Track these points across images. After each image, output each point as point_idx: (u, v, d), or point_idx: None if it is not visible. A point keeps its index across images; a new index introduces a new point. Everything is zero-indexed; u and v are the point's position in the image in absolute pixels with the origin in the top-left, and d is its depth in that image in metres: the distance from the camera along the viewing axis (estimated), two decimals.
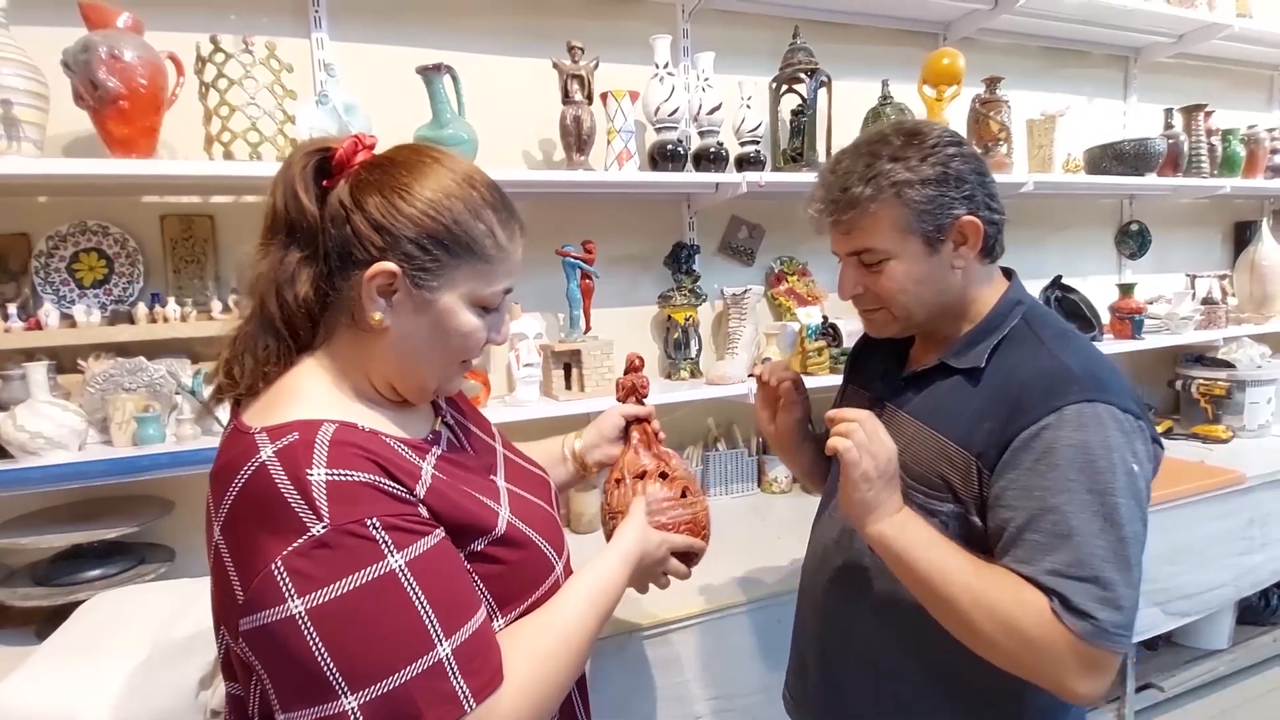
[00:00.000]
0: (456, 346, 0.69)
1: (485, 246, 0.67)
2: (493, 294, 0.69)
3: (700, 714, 1.29)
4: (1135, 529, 0.74)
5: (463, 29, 1.68)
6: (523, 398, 1.58)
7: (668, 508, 0.90)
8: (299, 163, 0.66)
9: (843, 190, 0.84)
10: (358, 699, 0.55)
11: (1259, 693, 2.19)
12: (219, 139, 1.31)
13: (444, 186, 0.65)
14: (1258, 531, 1.92)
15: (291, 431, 0.59)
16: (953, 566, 0.76)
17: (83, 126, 1.29)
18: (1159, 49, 2.45)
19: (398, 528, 0.59)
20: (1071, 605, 0.70)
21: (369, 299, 0.64)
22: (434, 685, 0.57)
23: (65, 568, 1.28)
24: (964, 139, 0.87)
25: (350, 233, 0.64)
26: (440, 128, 1.45)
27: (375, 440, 0.64)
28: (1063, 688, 0.73)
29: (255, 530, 0.57)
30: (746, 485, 1.93)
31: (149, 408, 1.32)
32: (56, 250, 1.41)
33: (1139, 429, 0.77)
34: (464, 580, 0.64)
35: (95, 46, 1.18)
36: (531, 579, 0.71)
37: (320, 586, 0.55)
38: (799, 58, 1.76)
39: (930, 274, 0.85)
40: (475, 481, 0.72)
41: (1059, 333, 0.85)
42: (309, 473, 0.57)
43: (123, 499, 1.42)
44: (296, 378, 0.67)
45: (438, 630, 0.58)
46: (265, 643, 0.56)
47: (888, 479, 0.80)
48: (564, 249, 1.64)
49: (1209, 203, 2.72)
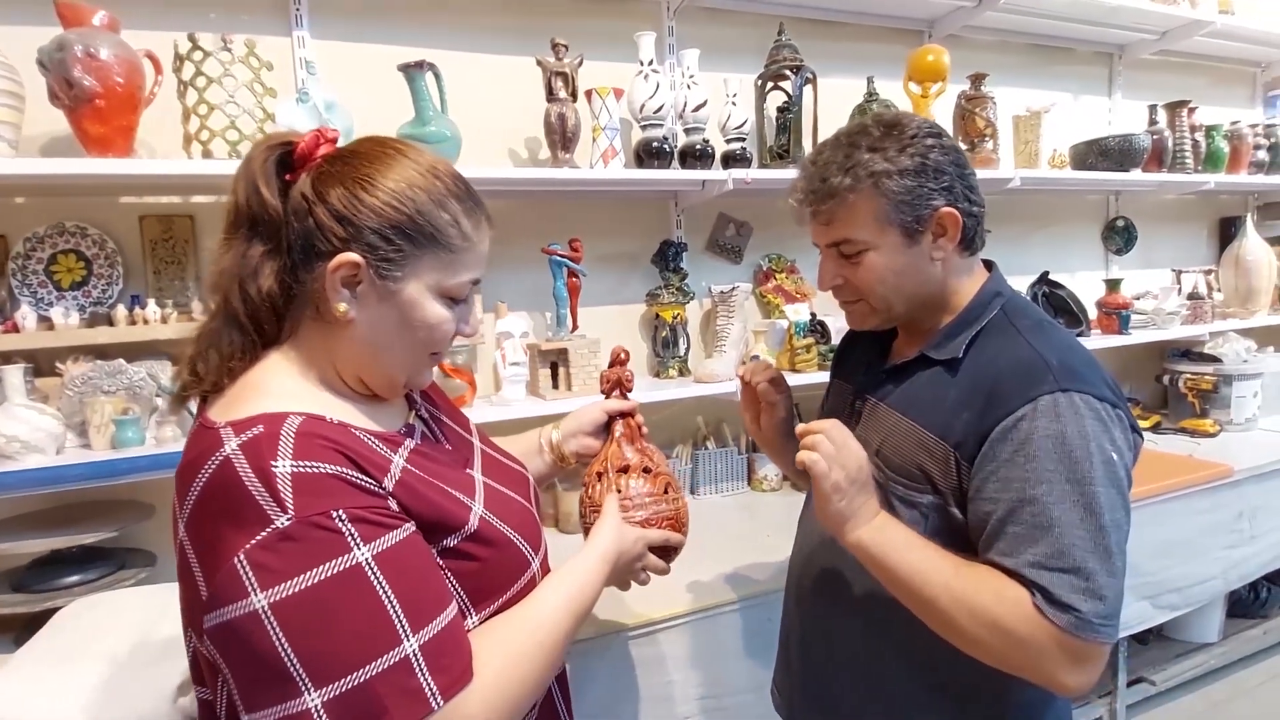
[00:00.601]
0: (423, 338, 0.68)
1: (450, 236, 0.66)
2: (458, 285, 0.68)
3: (688, 714, 1.28)
4: (1116, 517, 0.73)
5: (445, 26, 1.67)
6: (509, 397, 1.56)
7: (650, 503, 0.89)
8: (260, 157, 0.66)
9: (822, 180, 0.84)
10: (321, 696, 0.53)
11: (1250, 685, 2.20)
12: (198, 138, 1.30)
13: (407, 177, 0.65)
14: (1246, 524, 1.93)
15: (257, 424, 0.59)
16: (932, 568, 0.76)
17: (60, 126, 1.27)
18: (1143, 46, 2.47)
19: (365, 520, 0.58)
20: (1054, 598, 0.70)
21: (333, 290, 0.64)
22: (400, 682, 0.55)
23: (43, 574, 1.26)
24: (944, 131, 0.86)
25: (313, 225, 0.64)
26: (423, 125, 1.44)
27: (344, 432, 0.63)
28: (1052, 681, 0.73)
29: (219, 524, 0.56)
30: (736, 483, 1.93)
31: (128, 410, 1.30)
32: (34, 252, 1.39)
33: (1117, 417, 0.77)
34: (434, 575, 0.63)
35: (70, 45, 1.17)
36: (506, 576, 0.70)
37: (284, 580, 0.54)
38: (784, 55, 1.76)
39: (909, 265, 0.85)
40: (449, 476, 0.71)
41: (1036, 323, 0.85)
42: (274, 464, 0.56)
43: (102, 503, 1.40)
44: (262, 372, 0.66)
45: (405, 626, 0.57)
46: (229, 639, 0.55)
47: (860, 485, 0.80)
48: (550, 247, 1.63)
49: (1194, 198, 2.74)
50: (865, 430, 0.92)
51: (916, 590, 0.76)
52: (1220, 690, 2.17)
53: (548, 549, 0.82)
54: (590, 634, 1.22)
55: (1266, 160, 2.48)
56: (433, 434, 0.80)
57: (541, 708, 0.78)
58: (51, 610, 1.17)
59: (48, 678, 0.99)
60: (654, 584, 0.91)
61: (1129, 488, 0.77)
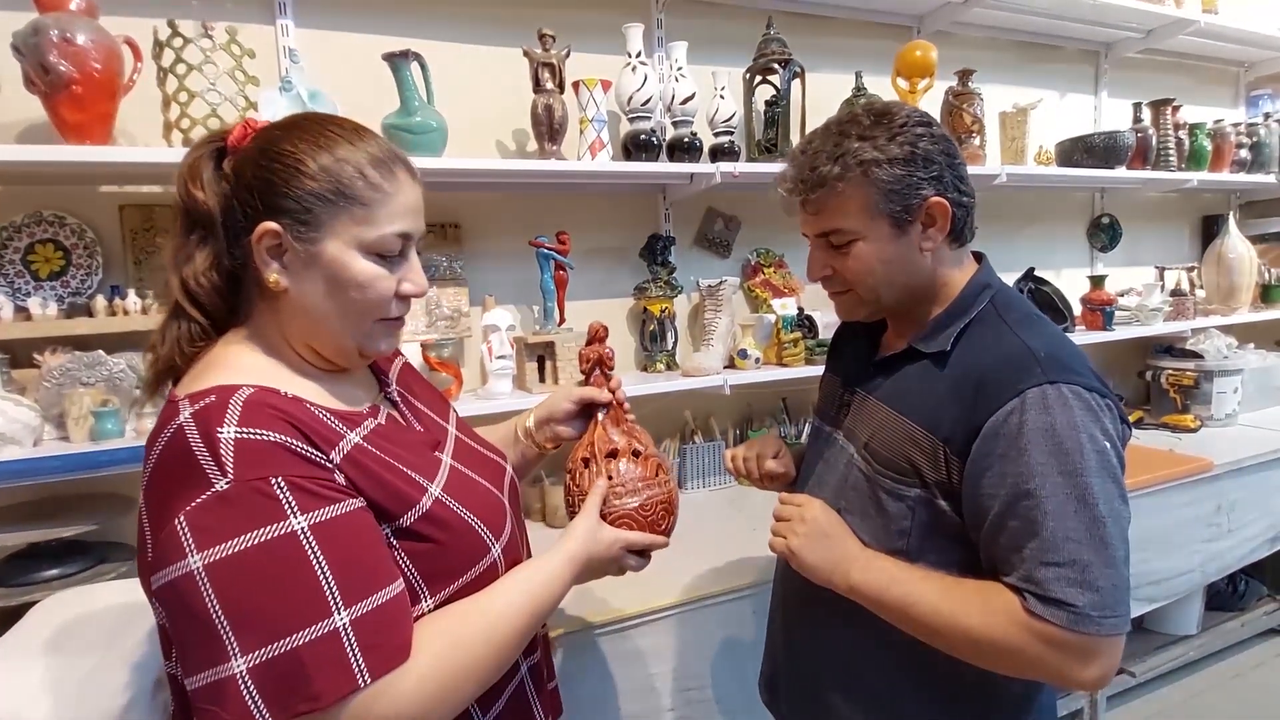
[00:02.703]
0: (357, 298, 0.67)
1: (357, 189, 0.66)
2: (380, 238, 0.67)
3: (672, 705, 1.29)
4: (1111, 507, 0.72)
5: (431, 15, 1.66)
6: (496, 390, 1.56)
7: (643, 488, 0.86)
8: (193, 154, 0.69)
9: (811, 169, 0.83)
10: (247, 661, 0.54)
11: (1228, 677, 2.24)
12: (178, 125, 1.28)
13: (311, 139, 0.66)
14: (1225, 518, 1.96)
15: (210, 395, 0.60)
16: (919, 597, 0.78)
17: (36, 113, 1.25)
18: (1129, 44, 2.49)
19: (305, 490, 0.59)
20: (1047, 596, 0.70)
21: (262, 262, 0.66)
22: (327, 654, 0.56)
23: (20, 568, 1.24)
24: (934, 120, 0.86)
25: (236, 204, 0.66)
26: (408, 116, 1.43)
27: (296, 405, 0.64)
28: (1065, 679, 0.73)
29: (169, 488, 0.58)
30: (723, 478, 1.93)
31: (108, 402, 1.28)
32: (11, 241, 1.37)
33: (1106, 407, 0.77)
34: (376, 552, 0.63)
35: (46, 29, 1.15)
36: (462, 559, 0.70)
37: (219, 541, 0.55)
38: (773, 48, 1.76)
39: (898, 255, 0.84)
40: (408, 457, 0.71)
41: (1024, 316, 0.84)
42: (219, 430, 0.58)
43: (81, 496, 1.38)
44: (223, 352, 0.68)
45: (336, 598, 0.57)
46: (168, 599, 0.57)
47: (837, 536, 0.86)
48: (537, 240, 1.62)
49: (1177, 197, 2.77)
50: (854, 423, 0.93)
51: (913, 622, 0.79)
52: (1199, 681, 2.21)
53: (519, 538, 0.81)
54: (575, 627, 1.22)
55: (1248, 159, 2.51)
56: (402, 416, 0.80)
57: (512, 698, 0.78)
58: (28, 605, 1.15)
59: (22, 673, 0.98)
60: (639, 578, 0.90)
61: (1123, 476, 0.76)
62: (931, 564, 0.82)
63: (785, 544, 0.87)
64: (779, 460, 1.07)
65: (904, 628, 0.80)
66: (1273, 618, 2.41)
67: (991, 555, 0.76)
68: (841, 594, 0.84)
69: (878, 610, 0.82)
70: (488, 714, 0.74)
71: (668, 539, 0.89)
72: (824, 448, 0.98)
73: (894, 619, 0.81)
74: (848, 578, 0.83)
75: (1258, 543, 2.05)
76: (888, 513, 0.84)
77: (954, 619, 0.75)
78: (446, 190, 1.62)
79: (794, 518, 0.88)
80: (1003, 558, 0.75)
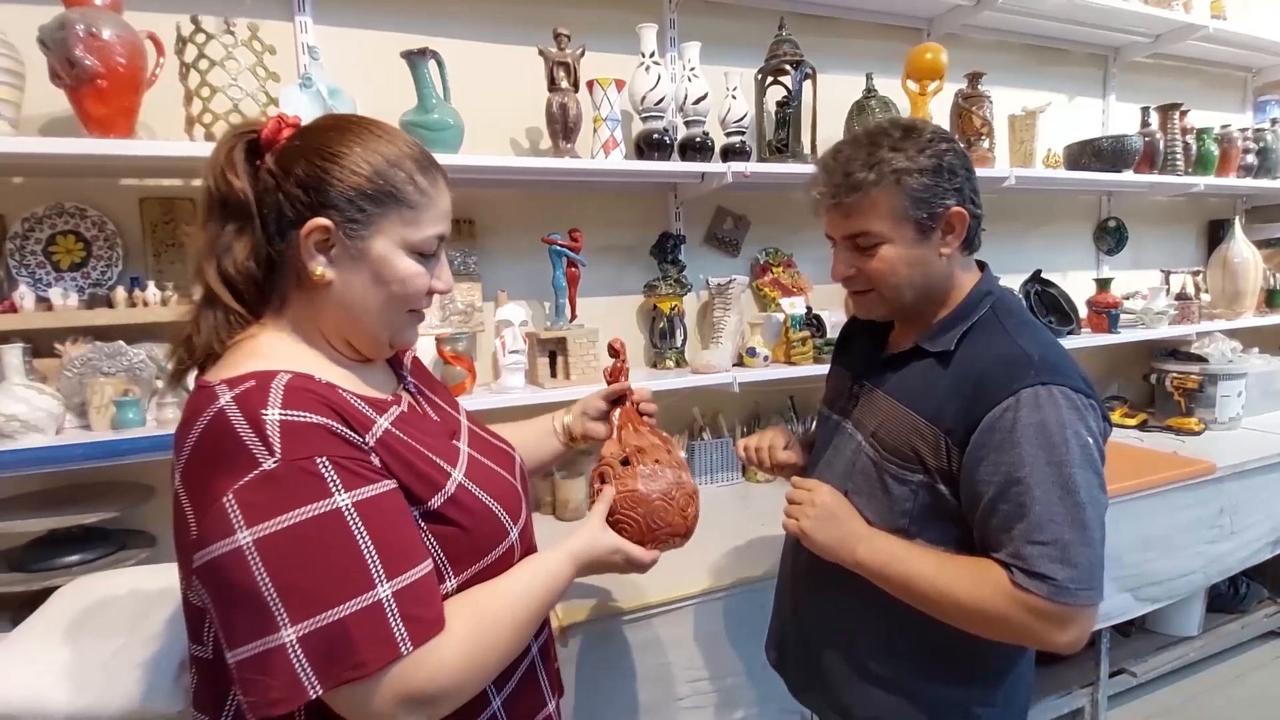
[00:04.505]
0: (398, 293, 0.71)
1: (408, 193, 0.70)
2: (424, 239, 0.72)
3: (683, 694, 1.31)
4: (1091, 495, 0.81)
5: (449, 14, 1.67)
6: (508, 385, 1.57)
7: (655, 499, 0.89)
8: (226, 145, 0.70)
9: (846, 175, 0.89)
10: (297, 630, 0.56)
11: (1228, 678, 2.26)
12: (200, 120, 1.30)
13: (363, 142, 0.69)
14: (1227, 520, 1.97)
15: (249, 380, 0.62)
16: (916, 571, 0.87)
17: (59, 106, 1.27)
18: (1137, 48, 2.50)
19: (347, 469, 0.61)
20: (1032, 570, 0.79)
21: (308, 255, 0.68)
22: (372, 623, 0.58)
23: (42, 553, 1.27)
24: (954, 136, 0.94)
25: (283, 198, 0.68)
26: (425, 113, 1.45)
27: (331, 391, 0.66)
28: (1044, 643, 0.82)
29: (211, 469, 0.59)
30: (731, 474, 1.95)
31: (128, 392, 1.30)
32: (32, 232, 1.38)
33: (1090, 406, 0.85)
34: (410, 531, 0.66)
35: (72, 24, 1.16)
36: (484, 542, 0.73)
37: (268, 518, 0.57)
38: (784, 49, 1.78)
39: (919, 259, 0.91)
40: (431, 444, 0.74)
41: (1021, 322, 0.92)
42: (264, 413, 0.60)
43: (101, 484, 1.41)
44: (256, 340, 0.70)
45: (380, 571, 0.60)
46: (214, 576, 0.58)
47: (844, 517, 0.94)
48: (550, 237, 1.64)
49: (1184, 201, 2.78)
50: (862, 413, 1.00)
51: (912, 593, 0.88)
52: (1199, 682, 2.23)
53: (531, 524, 0.84)
54: (590, 616, 1.24)
55: (1255, 164, 2.52)
56: (420, 406, 0.83)
57: (523, 680, 0.80)
58: (50, 589, 1.17)
59: (46, 656, 1.00)
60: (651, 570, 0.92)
61: (1103, 468, 0.85)
62: (930, 541, 0.90)
63: (797, 525, 0.96)
64: (789, 450, 1.13)
65: (904, 599, 0.89)
66: (1273, 620, 2.42)
67: (984, 534, 0.85)
68: (848, 568, 0.92)
69: (881, 583, 0.90)
70: (502, 691, 0.77)
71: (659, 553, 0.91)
72: (833, 435, 1.05)
73: (895, 591, 0.89)
74: (854, 554, 0.91)
75: (1259, 545, 2.06)
76: (892, 495, 0.92)
77: (949, 590, 0.84)
78: (461, 187, 1.59)
79: (805, 501, 0.96)
80: (994, 537, 0.83)
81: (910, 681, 0.96)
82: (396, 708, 0.60)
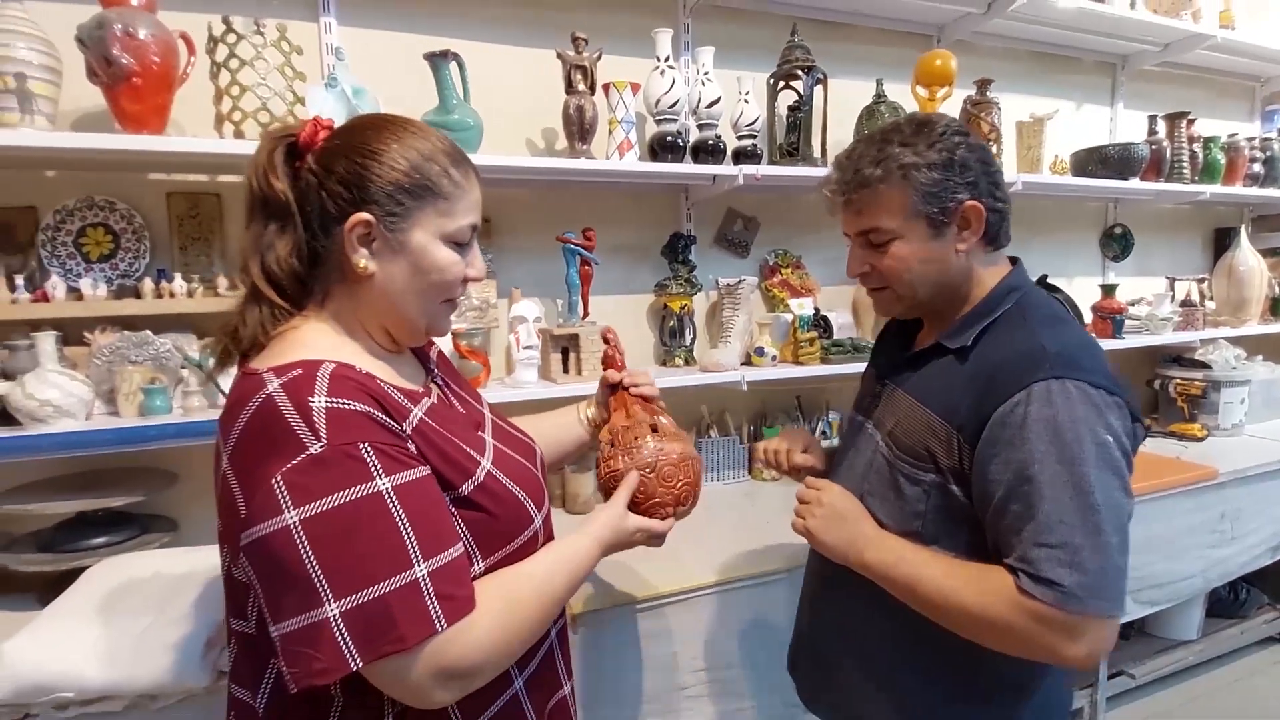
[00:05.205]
0: (436, 281, 0.75)
1: (443, 185, 0.74)
2: (459, 229, 0.75)
3: (688, 684, 1.34)
4: (1108, 496, 0.76)
5: (469, 17, 1.71)
6: (522, 379, 1.61)
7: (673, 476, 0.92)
8: (266, 148, 0.74)
9: (855, 171, 0.90)
10: (340, 606, 0.59)
11: (1225, 682, 2.27)
12: (230, 118, 1.33)
13: (399, 139, 0.73)
14: (1228, 525, 2.00)
15: (296, 369, 0.66)
16: (922, 575, 0.84)
17: (91, 102, 1.31)
18: (1146, 57, 2.52)
19: (387, 455, 0.65)
20: (1039, 576, 0.75)
21: (352, 249, 0.72)
22: (410, 601, 0.62)
23: (69, 535, 1.31)
24: (970, 130, 0.92)
25: (325, 196, 0.72)
26: (446, 113, 1.48)
27: (371, 380, 0.70)
28: (1055, 656, 0.77)
29: (261, 452, 0.62)
30: (738, 472, 1.98)
31: (155, 380, 1.34)
32: (64, 224, 1.43)
33: (1114, 404, 0.80)
34: (444, 514, 0.69)
35: (110, 23, 1.20)
36: (511, 528, 0.76)
37: (314, 499, 0.61)
38: (796, 55, 1.81)
39: (933, 255, 0.89)
40: (461, 434, 0.77)
41: (1046, 317, 0.88)
42: (311, 400, 0.63)
43: (126, 470, 1.45)
44: (300, 331, 0.73)
45: (416, 551, 0.63)
46: (262, 553, 0.61)
47: (852, 518, 0.92)
48: (564, 236, 1.67)
49: (1190, 209, 2.80)
50: (883, 413, 0.98)
51: (917, 597, 0.85)
52: (1197, 686, 2.25)
53: (550, 513, 0.87)
54: (599, 605, 1.27)
55: (1262, 173, 2.54)
56: (447, 398, 0.87)
57: (543, 662, 0.84)
58: (77, 570, 1.21)
59: (77, 632, 1.03)
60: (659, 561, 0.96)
61: (1129, 470, 0.80)
62: (944, 547, 0.87)
63: (803, 524, 0.95)
64: (807, 454, 1.13)
65: (910, 603, 0.86)
66: (1273, 626, 2.44)
67: (995, 537, 0.82)
68: (860, 570, 0.90)
69: (886, 586, 0.88)
70: (524, 671, 0.80)
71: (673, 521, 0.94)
72: (856, 435, 1.04)
73: (901, 594, 0.87)
74: (861, 556, 0.90)
75: (1260, 551, 2.08)
76: (905, 496, 0.90)
77: (954, 595, 0.81)
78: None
79: (813, 500, 0.96)
80: (1004, 539, 0.80)
81: (922, 695, 0.92)
82: (433, 681, 0.63)
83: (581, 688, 1.25)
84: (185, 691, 1.04)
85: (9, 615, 1.24)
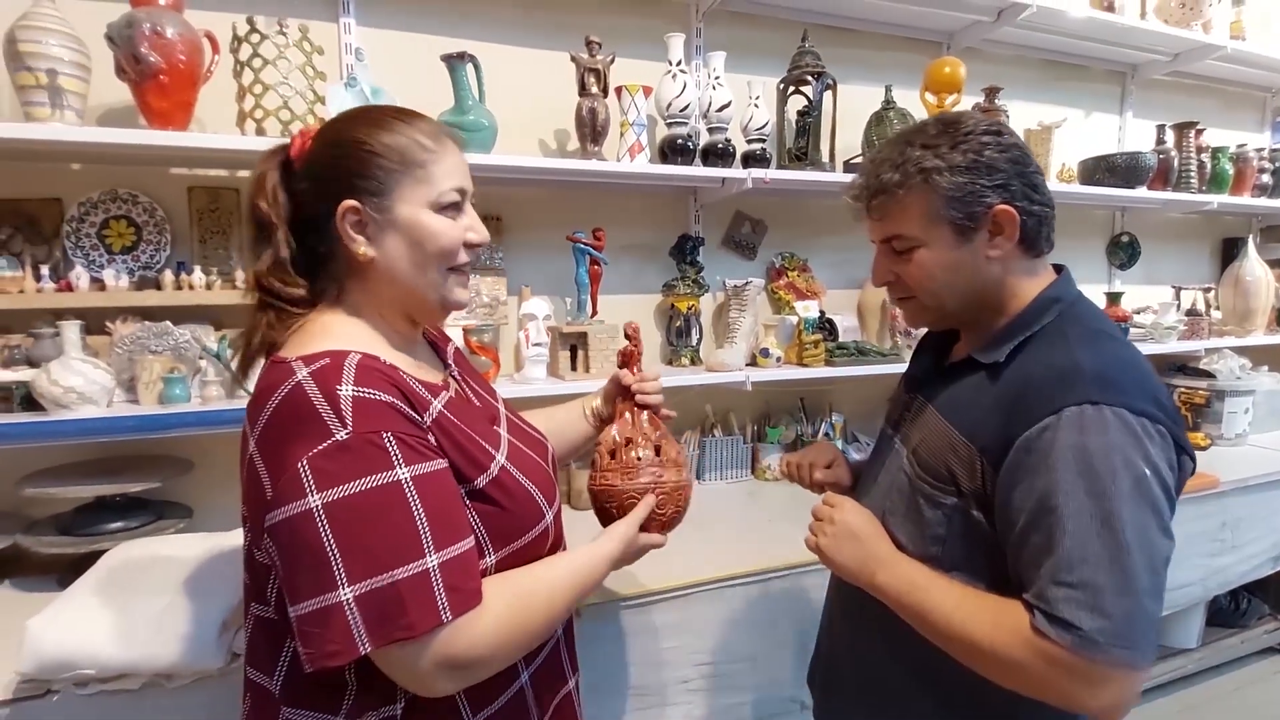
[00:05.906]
0: (433, 250, 0.76)
1: (414, 153, 0.75)
2: (443, 193, 0.76)
3: (685, 677, 1.36)
4: (1142, 536, 0.69)
5: (486, 19, 1.74)
6: (531, 376, 1.64)
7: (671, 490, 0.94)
8: (259, 170, 0.77)
9: (875, 177, 0.86)
10: (354, 590, 0.62)
11: (1225, 691, 2.28)
12: (252, 115, 1.37)
13: (360, 122, 0.76)
14: (1229, 534, 2.01)
15: (324, 358, 0.68)
16: (934, 604, 0.79)
17: (115, 98, 1.35)
18: (1155, 66, 2.53)
19: (408, 445, 0.67)
20: (1055, 615, 0.68)
21: (349, 239, 0.74)
22: (419, 589, 0.63)
23: (88, 519, 1.34)
24: (1005, 129, 0.83)
25: (313, 195, 0.75)
26: (462, 114, 1.51)
27: (394, 372, 0.72)
28: (1073, 703, 0.70)
29: (288, 437, 0.65)
30: (741, 471, 2.00)
31: (175, 369, 1.38)
32: (88, 216, 1.47)
33: (1157, 433, 0.72)
34: (458, 507, 0.71)
35: (139, 22, 1.24)
36: (523, 522, 0.78)
37: (337, 484, 0.63)
38: (806, 60, 1.83)
39: (960, 263, 0.83)
40: (477, 427, 0.79)
41: (1089, 332, 0.80)
42: (339, 388, 0.65)
43: (144, 457, 1.48)
44: (325, 323, 0.76)
45: (429, 542, 0.65)
46: (285, 535, 0.64)
47: (866, 538, 0.87)
48: (575, 235, 1.70)
49: (1198, 218, 2.80)
50: (910, 429, 0.93)
51: (927, 626, 0.79)
52: (1197, 694, 2.25)
53: (561, 509, 0.89)
54: (599, 600, 1.30)
55: (1270, 184, 2.54)
56: (464, 392, 0.89)
57: (550, 656, 0.86)
58: (95, 554, 1.24)
59: (96, 612, 1.06)
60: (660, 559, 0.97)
61: (1170, 509, 0.72)
62: (964, 576, 0.80)
63: (815, 542, 0.91)
64: (830, 471, 1.09)
65: (921, 631, 0.81)
66: (1273, 636, 2.44)
67: (1016, 570, 0.75)
68: (872, 592, 0.86)
69: (898, 611, 0.83)
70: (531, 665, 0.82)
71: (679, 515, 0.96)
72: (884, 450, 0.99)
73: (911, 622, 0.81)
74: (872, 578, 0.85)
75: (1261, 560, 2.09)
76: (925, 519, 0.84)
77: (964, 628, 0.75)
78: (491, 185, 1.70)
79: (826, 518, 0.91)
80: (1025, 573, 0.73)
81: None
82: (437, 670, 0.65)
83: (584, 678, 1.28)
84: (200, 672, 1.06)
85: (30, 596, 1.28)
